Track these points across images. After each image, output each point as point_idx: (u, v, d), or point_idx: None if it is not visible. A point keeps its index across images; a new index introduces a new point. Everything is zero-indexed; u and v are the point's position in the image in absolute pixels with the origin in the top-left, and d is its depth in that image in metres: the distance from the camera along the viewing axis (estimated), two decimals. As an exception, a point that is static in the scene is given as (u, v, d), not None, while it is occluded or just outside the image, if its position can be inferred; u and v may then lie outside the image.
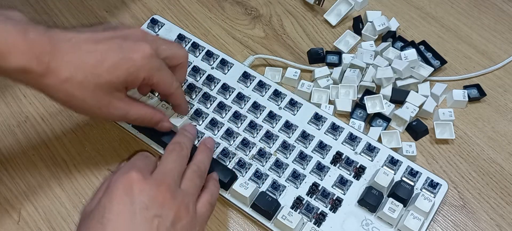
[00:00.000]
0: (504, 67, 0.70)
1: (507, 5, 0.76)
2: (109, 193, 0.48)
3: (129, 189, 0.48)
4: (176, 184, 0.51)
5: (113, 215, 0.47)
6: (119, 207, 0.47)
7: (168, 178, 0.51)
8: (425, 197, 0.57)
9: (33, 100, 0.68)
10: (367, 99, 0.65)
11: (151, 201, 0.48)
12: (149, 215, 0.47)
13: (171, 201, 0.49)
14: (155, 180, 0.50)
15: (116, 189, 0.48)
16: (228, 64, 0.67)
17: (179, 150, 0.54)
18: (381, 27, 0.71)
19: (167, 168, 0.52)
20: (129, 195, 0.48)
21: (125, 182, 0.48)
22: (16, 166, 0.63)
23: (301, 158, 0.60)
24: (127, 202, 0.48)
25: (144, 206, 0.48)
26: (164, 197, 0.49)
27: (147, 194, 0.48)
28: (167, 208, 0.49)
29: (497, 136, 0.65)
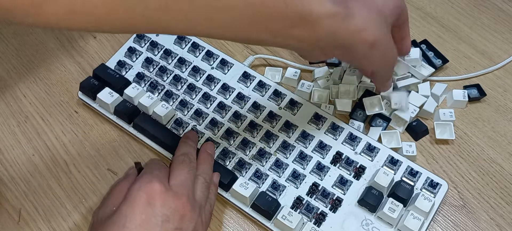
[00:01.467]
0: (504, 67, 0.70)
1: (507, 5, 0.76)
2: (131, 202, 0.49)
3: (152, 199, 0.49)
4: (193, 196, 0.52)
5: (135, 224, 0.47)
6: (141, 217, 0.48)
7: (186, 189, 0.51)
8: (425, 197, 0.57)
9: (33, 100, 0.68)
10: (365, 100, 0.65)
11: (173, 213, 0.49)
12: (171, 228, 0.48)
13: (191, 213, 0.50)
14: (176, 192, 0.50)
15: (139, 198, 0.49)
16: (228, 64, 0.67)
17: (188, 161, 0.55)
18: (381, 27, 0.71)
19: (182, 179, 0.52)
20: (152, 206, 0.48)
21: (148, 192, 0.49)
22: (16, 166, 0.63)
23: (301, 158, 0.60)
24: (150, 213, 0.48)
25: (166, 218, 0.48)
26: (185, 209, 0.50)
27: (169, 206, 0.49)
28: (187, 221, 0.50)
29: (497, 136, 0.65)
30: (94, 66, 0.68)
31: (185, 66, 0.67)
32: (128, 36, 0.71)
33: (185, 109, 0.64)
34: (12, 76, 0.70)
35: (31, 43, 0.73)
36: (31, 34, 0.74)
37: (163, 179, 0.51)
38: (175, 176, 0.53)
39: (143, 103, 0.63)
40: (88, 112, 0.67)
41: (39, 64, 0.71)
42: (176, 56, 0.68)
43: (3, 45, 0.73)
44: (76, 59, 0.71)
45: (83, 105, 0.67)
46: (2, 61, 0.71)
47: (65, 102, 0.68)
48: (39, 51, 0.72)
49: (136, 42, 0.70)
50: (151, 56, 0.69)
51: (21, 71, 0.70)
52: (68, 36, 0.73)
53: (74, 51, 0.72)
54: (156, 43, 0.69)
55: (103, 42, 0.73)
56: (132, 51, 0.68)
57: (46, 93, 0.69)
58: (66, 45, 0.73)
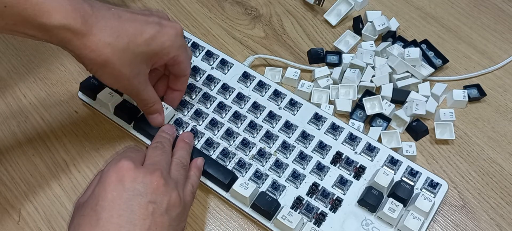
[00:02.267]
0: (504, 67, 0.70)
1: (507, 5, 0.76)
2: (102, 183, 0.49)
3: (122, 177, 0.49)
4: (167, 173, 0.53)
5: (107, 202, 0.48)
6: (112, 194, 0.48)
7: (158, 167, 0.52)
8: (425, 197, 0.56)
9: (33, 100, 0.68)
10: (365, 100, 0.65)
11: (145, 187, 0.49)
12: (143, 201, 0.49)
13: (164, 187, 0.50)
14: (147, 168, 0.51)
15: (109, 177, 0.49)
16: (228, 64, 0.67)
17: (161, 147, 0.56)
18: (381, 27, 0.71)
19: (155, 159, 0.54)
20: (122, 182, 0.49)
21: (117, 170, 0.50)
22: (16, 166, 0.63)
23: (301, 158, 0.60)
24: (120, 189, 0.49)
25: (138, 192, 0.49)
26: (158, 183, 0.50)
27: (140, 181, 0.49)
28: (161, 194, 0.50)
29: (497, 136, 0.65)
30: (94, 66, 0.68)
31: (185, 66, 0.67)
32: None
33: (185, 110, 0.64)
34: (12, 76, 0.70)
35: (31, 43, 0.73)
36: (31, 34, 0.74)
37: (133, 158, 0.52)
38: (148, 157, 0.54)
39: None
40: (88, 112, 0.67)
41: (39, 64, 0.71)
42: (176, 56, 0.68)
43: (3, 45, 0.73)
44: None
45: (83, 105, 0.67)
46: (2, 61, 0.71)
47: (65, 102, 0.68)
48: (39, 51, 0.72)
49: (136, 42, 0.70)
50: (151, 56, 0.68)
51: (21, 71, 0.70)
52: (68, 36, 0.73)
53: (74, 51, 0.72)
54: (156, 43, 0.69)
55: (103, 42, 0.73)
56: (132, 51, 0.68)
57: (46, 93, 0.69)
58: (66, 45, 0.73)
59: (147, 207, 0.48)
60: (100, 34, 0.51)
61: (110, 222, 0.47)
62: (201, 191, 0.61)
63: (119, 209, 0.48)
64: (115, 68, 0.53)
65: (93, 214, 0.48)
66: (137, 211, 0.48)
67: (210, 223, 0.59)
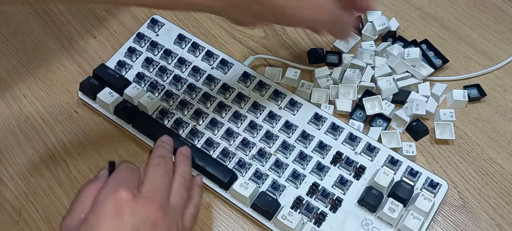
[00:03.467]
0: (504, 67, 0.70)
1: (507, 5, 0.76)
2: (98, 212, 0.46)
3: (120, 209, 0.46)
4: (167, 200, 0.50)
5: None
6: (109, 229, 0.45)
7: (158, 195, 0.49)
8: (425, 197, 0.56)
9: (33, 100, 0.68)
10: (365, 100, 0.65)
11: (143, 221, 0.46)
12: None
13: (162, 220, 0.48)
14: (147, 198, 0.48)
15: (106, 209, 0.46)
16: (228, 64, 0.67)
17: (164, 163, 0.52)
18: (381, 27, 0.71)
19: (156, 183, 0.50)
20: (120, 215, 0.46)
21: (115, 201, 0.46)
22: (16, 166, 0.63)
23: (301, 158, 0.60)
24: (119, 224, 0.45)
25: (136, 227, 0.46)
26: (156, 216, 0.47)
27: (138, 215, 0.46)
28: (159, 228, 0.47)
29: (497, 136, 0.65)
30: (94, 66, 0.68)
31: (185, 66, 0.67)
32: (128, 36, 0.71)
33: (185, 109, 0.64)
34: (12, 76, 0.70)
35: (31, 43, 0.73)
36: (31, 34, 0.74)
37: (131, 185, 0.49)
38: (149, 180, 0.50)
39: (143, 103, 0.63)
40: (88, 112, 0.67)
41: (39, 64, 0.71)
42: (176, 56, 0.68)
43: (3, 45, 0.73)
44: (76, 59, 0.71)
45: (83, 105, 0.67)
46: (2, 61, 0.71)
47: (65, 102, 0.68)
48: (39, 51, 0.72)
49: (136, 42, 0.70)
50: (151, 56, 0.69)
51: (21, 71, 0.70)
52: (68, 36, 0.73)
53: (74, 51, 0.72)
54: (156, 43, 0.69)
55: (103, 42, 0.73)
56: (132, 51, 0.68)
57: (46, 93, 0.69)
58: (66, 45, 0.73)
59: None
60: None
61: None
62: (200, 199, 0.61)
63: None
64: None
65: None
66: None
67: (210, 223, 0.59)
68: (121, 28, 0.74)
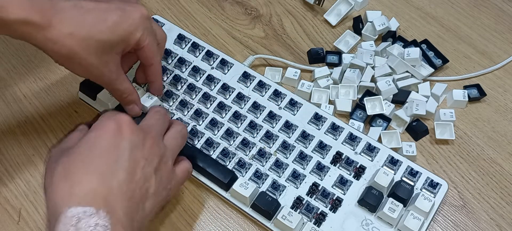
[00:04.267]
0: (504, 67, 0.70)
1: (507, 5, 0.76)
2: (100, 127, 0.50)
3: (121, 127, 0.50)
4: (160, 138, 0.54)
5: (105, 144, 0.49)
6: (110, 140, 0.49)
7: (153, 129, 0.53)
8: (425, 197, 0.56)
9: (33, 100, 0.68)
10: (367, 100, 0.65)
11: (140, 143, 0.50)
12: (138, 155, 0.49)
13: (156, 148, 0.51)
14: (142, 127, 0.52)
15: (108, 124, 0.50)
16: (228, 64, 0.67)
17: (164, 112, 0.57)
18: (381, 27, 0.71)
19: (151, 122, 0.54)
20: (121, 131, 0.49)
21: (118, 120, 0.50)
22: (16, 166, 0.63)
23: (301, 158, 0.60)
24: (119, 138, 0.49)
25: (135, 145, 0.49)
26: (151, 143, 0.51)
27: (137, 136, 0.50)
28: (153, 154, 0.51)
29: (497, 136, 0.65)
30: (94, 66, 0.68)
31: (185, 66, 0.67)
32: (128, 36, 0.71)
33: (185, 109, 0.64)
34: (12, 76, 0.70)
35: (31, 43, 0.73)
36: (31, 34, 0.74)
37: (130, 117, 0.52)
38: (145, 119, 0.55)
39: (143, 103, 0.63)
40: (88, 112, 0.67)
41: (39, 64, 0.71)
42: (176, 56, 0.68)
43: (3, 45, 0.73)
44: (76, 59, 0.71)
45: (83, 105, 0.67)
46: (2, 61, 0.71)
47: (65, 102, 0.68)
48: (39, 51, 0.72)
49: (136, 42, 0.70)
50: (151, 56, 0.68)
51: (21, 71, 0.70)
52: (68, 36, 0.73)
53: (74, 51, 0.72)
54: (156, 43, 0.69)
55: (103, 42, 0.73)
56: (132, 51, 0.68)
57: (46, 93, 0.69)
58: (66, 45, 0.73)
59: (140, 161, 0.49)
60: (59, 25, 0.51)
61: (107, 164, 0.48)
62: (201, 191, 0.61)
63: (117, 155, 0.48)
64: (81, 58, 0.52)
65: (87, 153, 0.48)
66: (132, 162, 0.49)
67: (210, 223, 0.59)
68: (121, 28, 0.74)
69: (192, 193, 0.61)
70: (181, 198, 0.61)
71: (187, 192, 0.61)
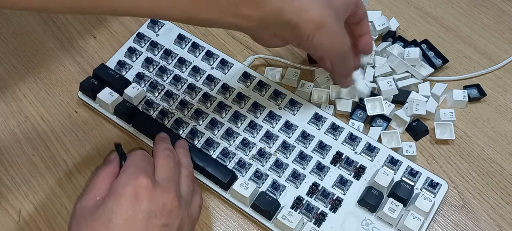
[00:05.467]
0: (504, 67, 0.70)
1: (507, 5, 0.76)
2: (117, 197, 0.48)
3: (139, 195, 0.48)
4: (180, 191, 0.52)
5: (122, 220, 0.47)
6: (128, 213, 0.47)
7: (173, 185, 0.51)
8: (425, 197, 0.57)
9: (33, 100, 0.68)
10: (367, 101, 0.65)
11: (160, 209, 0.49)
12: (157, 224, 0.48)
13: (177, 210, 0.50)
14: (164, 187, 0.50)
15: (126, 194, 0.48)
16: (228, 64, 0.67)
17: (173, 156, 0.54)
18: (381, 27, 0.71)
19: (169, 174, 0.52)
20: (139, 201, 0.48)
21: (135, 187, 0.48)
22: (16, 166, 0.63)
23: (301, 158, 0.60)
24: (137, 209, 0.48)
25: (154, 214, 0.48)
26: (173, 205, 0.49)
27: (156, 202, 0.49)
28: (174, 217, 0.49)
29: (497, 136, 0.65)
30: (94, 66, 0.68)
31: (185, 66, 0.67)
32: (128, 36, 0.71)
33: (185, 109, 0.64)
34: (12, 76, 0.70)
35: (31, 43, 0.73)
36: (31, 34, 0.74)
37: (150, 173, 0.50)
38: (162, 171, 0.52)
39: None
40: (88, 112, 0.67)
41: (39, 64, 0.71)
42: (176, 56, 0.68)
43: (3, 45, 0.73)
44: (76, 59, 0.71)
45: (83, 105, 0.67)
46: (2, 61, 0.71)
47: (65, 102, 0.68)
48: (39, 51, 0.72)
49: (136, 42, 0.70)
50: (151, 56, 0.69)
51: (21, 71, 0.70)
52: (68, 36, 0.73)
53: (74, 51, 0.72)
54: (156, 43, 0.69)
55: (103, 42, 0.73)
56: (132, 51, 0.68)
57: (46, 93, 0.69)
58: (66, 45, 0.73)
59: (160, 229, 0.48)
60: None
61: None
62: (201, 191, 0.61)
63: (132, 226, 0.47)
64: (332, 26, 0.53)
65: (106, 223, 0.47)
66: None
67: (210, 223, 0.59)
68: (121, 28, 0.74)
69: (192, 193, 0.61)
70: (181, 198, 0.61)
71: (187, 192, 0.61)
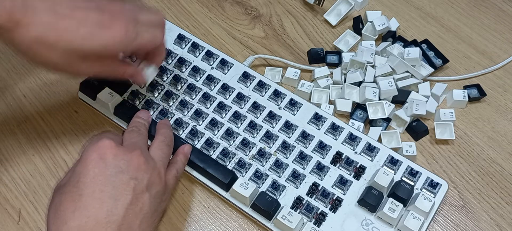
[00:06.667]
0: (504, 67, 0.70)
1: (507, 5, 0.76)
2: (83, 160, 0.50)
3: (103, 154, 0.50)
4: (147, 152, 0.54)
5: (89, 178, 0.48)
6: (94, 171, 0.49)
7: (138, 147, 0.53)
8: (425, 197, 0.57)
9: (33, 100, 0.68)
10: (369, 105, 0.64)
11: (126, 164, 0.50)
12: (125, 178, 0.49)
13: (145, 165, 0.51)
14: (127, 147, 0.52)
15: (90, 155, 0.50)
16: (228, 64, 0.67)
17: (137, 130, 0.57)
18: (381, 27, 0.71)
19: (132, 141, 0.54)
20: (103, 159, 0.49)
21: (99, 148, 0.50)
22: (16, 166, 0.63)
23: (301, 158, 0.60)
24: (102, 166, 0.49)
25: (120, 169, 0.49)
26: (139, 161, 0.51)
27: (121, 158, 0.50)
28: (142, 172, 0.51)
29: (497, 136, 0.65)
30: (94, 66, 0.68)
31: (185, 66, 0.67)
32: (128, 36, 0.71)
33: (185, 109, 0.64)
34: (12, 76, 0.70)
35: (31, 43, 0.73)
36: (31, 34, 0.74)
37: (113, 139, 0.52)
38: (125, 140, 0.55)
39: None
40: (88, 112, 0.67)
41: (39, 64, 0.71)
42: (176, 56, 0.68)
43: (3, 45, 0.73)
44: (76, 59, 0.71)
45: (83, 105, 0.67)
46: (2, 61, 0.71)
47: (65, 102, 0.68)
48: (39, 51, 0.72)
49: (136, 42, 0.70)
50: (151, 56, 0.69)
51: (21, 71, 0.70)
52: (68, 36, 0.73)
53: (74, 51, 0.72)
54: (156, 43, 0.69)
55: (103, 42, 0.73)
56: (132, 51, 0.68)
57: (46, 93, 0.69)
58: (66, 45, 0.73)
59: (129, 183, 0.49)
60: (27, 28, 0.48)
61: (92, 197, 0.48)
62: (201, 191, 0.61)
63: (102, 185, 0.48)
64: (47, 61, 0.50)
65: (75, 190, 0.48)
66: (119, 187, 0.49)
67: (210, 223, 0.59)
68: (121, 28, 0.74)
69: (192, 193, 0.61)
70: (181, 198, 0.61)
71: (187, 192, 0.61)
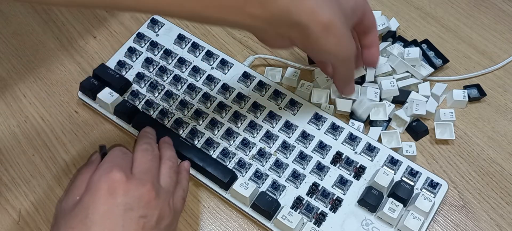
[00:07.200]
0: (504, 67, 0.70)
1: (507, 5, 0.76)
2: (92, 193, 0.48)
3: (113, 189, 0.48)
4: (158, 182, 0.52)
5: (98, 215, 0.47)
6: (104, 208, 0.47)
7: (150, 176, 0.51)
8: (425, 197, 0.57)
9: (33, 100, 0.68)
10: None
11: (136, 201, 0.49)
12: (134, 216, 0.48)
13: (155, 200, 0.50)
14: (139, 179, 0.50)
15: (100, 189, 0.48)
16: (228, 64, 0.67)
17: (151, 150, 0.55)
18: (381, 27, 0.71)
19: (146, 166, 0.52)
20: (113, 195, 0.48)
21: (109, 182, 0.48)
22: (16, 166, 0.63)
23: (301, 158, 0.60)
24: (112, 204, 0.48)
25: (130, 207, 0.48)
26: (149, 197, 0.49)
27: (132, 195, 0.48)
28: (152, 208, 0.49)
29: (497, 136, 0.65)
30: (94, 66, 0.68)
31: (185, 66, 0.67)
32: (128, 36, 0.71)
33: (185, 109, 0.64)
34: (12, 76, 0.70)
35: (31, 43, 0.73)
36: (31, 34, 0.74)
37: (124, 167, 0.50)
38: (138, 164, 0.52)
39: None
40: (88, 112, 0.67)
41: (39, 64, 0.71)
42: (176, 56, 0.68)
43: (3, 45, 0.73)
44: (76, 59, 0.71)
45: (83, 105, 0.67)
46: (2, 61, 0.71)
47: (65, 102, 0.68)
48: (39, 51, 0.72)
49: (136, 42, 0.70)
50: (151, 56, 0.69)
51: (21, 71, 0.70)
52: (68, 36, 0.73)
53: (74, 51, 0.72)
54: (156, 43, 0.69)
55: (103, 42, 0.73)
56: (132, 51, 0.68)
57: (46, 93, 0.69)
58: (66, 45, 0.73)
59: (138, 221, 0.48)
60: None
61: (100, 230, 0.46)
62: (201, 191, 0.61)
63: (111, 224, 0.47)
64: (340, 29, 0.51)
65: (83, 227, 0.47)
66: (128, 226, 0.47)
67: (210, 223, 0.59)
68: (121, 28, 0.74)
69: (192, 193, 0.61)
70: (181, 198, 0.61)
71: (187, 192, 0.61)
